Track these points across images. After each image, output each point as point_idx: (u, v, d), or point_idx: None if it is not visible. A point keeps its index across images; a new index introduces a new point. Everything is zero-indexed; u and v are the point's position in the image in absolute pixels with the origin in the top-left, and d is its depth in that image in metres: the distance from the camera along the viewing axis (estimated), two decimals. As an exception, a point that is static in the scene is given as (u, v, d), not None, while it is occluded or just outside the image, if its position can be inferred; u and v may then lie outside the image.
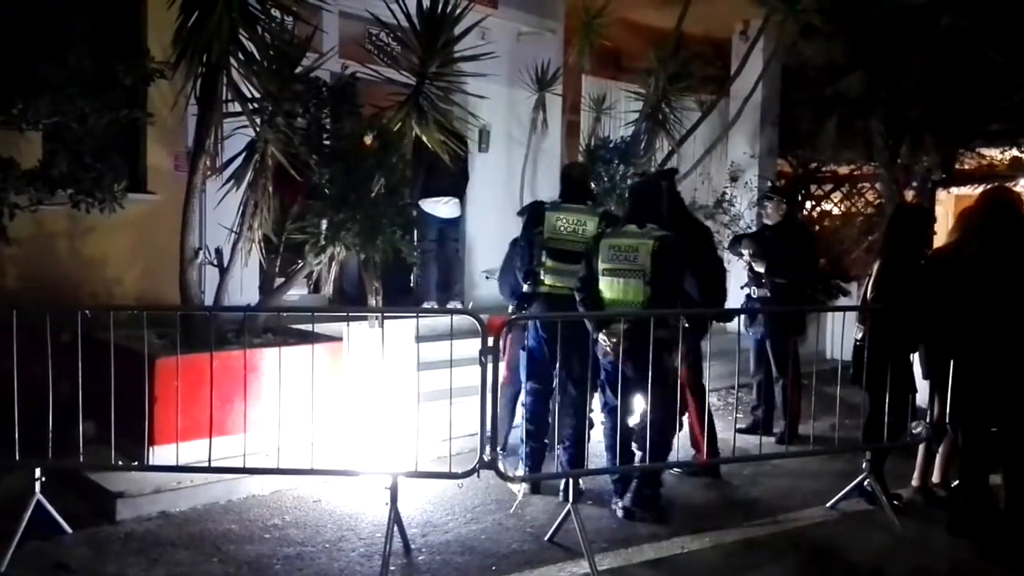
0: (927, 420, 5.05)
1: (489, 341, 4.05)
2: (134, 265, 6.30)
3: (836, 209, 12.07)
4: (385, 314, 4.81)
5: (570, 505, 4.28)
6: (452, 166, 6.66)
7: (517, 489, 5.07)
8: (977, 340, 4.54)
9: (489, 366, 4.07)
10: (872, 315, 4.96)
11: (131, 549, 4.24)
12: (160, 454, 4.64)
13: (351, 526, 4.62)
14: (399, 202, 5.79)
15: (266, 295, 5.89)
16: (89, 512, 4.58)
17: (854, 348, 5.12)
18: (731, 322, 6.17)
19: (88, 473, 4.76)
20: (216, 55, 4.81)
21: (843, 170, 11.66)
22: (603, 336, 4.66)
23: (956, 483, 4.91)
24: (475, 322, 4.13)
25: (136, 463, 4.68)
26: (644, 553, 4.38)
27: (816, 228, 11.33)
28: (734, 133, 10.25)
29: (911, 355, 5.09)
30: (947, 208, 11.63)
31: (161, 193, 6.31)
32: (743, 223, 9.77)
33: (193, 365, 4.64)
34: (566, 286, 5.00)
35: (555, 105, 9.23)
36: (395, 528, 4.13)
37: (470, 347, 4.17)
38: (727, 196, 10.08)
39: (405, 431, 4.52)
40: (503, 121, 8.86)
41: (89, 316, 4.42)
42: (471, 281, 8.44)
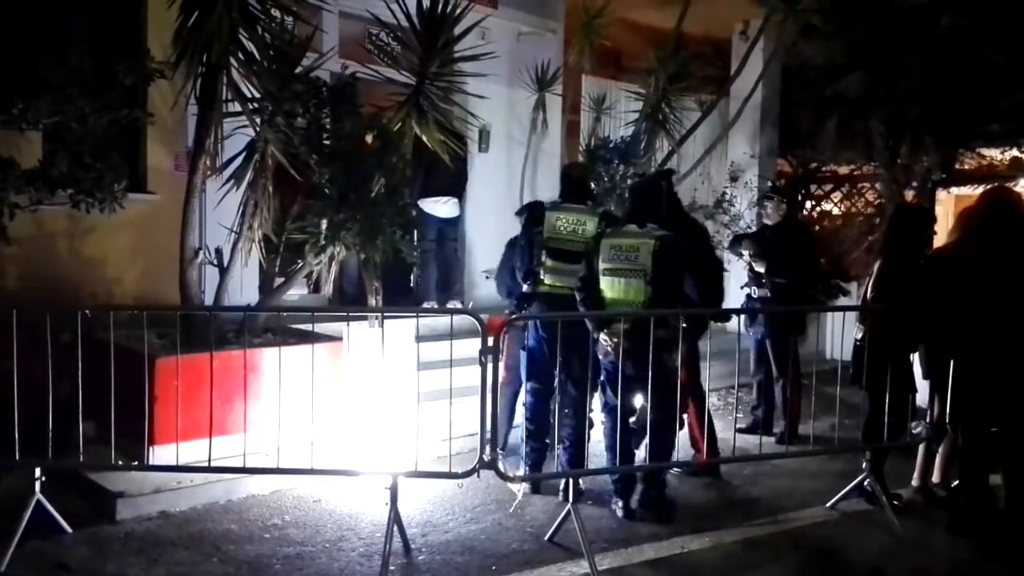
0: (927, 420, 5.05)
1: (489, 341, 4.05)
2: (134, 265, 6.30)
3: (836, 209, 12.06)
4: (385, 314, 4.81)
5: (570, 505, 4.28)
6: (451, 166, 6.66)
7: (517, 489, 5.07)
8: (977, 340, 4.54)
9: (489, 366, 4.07)
10: (872, 315, 4.96)
11: (131, 549, 4.24)
12: (160, 454, 4.64)
13: (351, 526, 4.62)
14: (399, 202, 5.79)
15: (266, 295, 5.89)
16: (89, 512, 4.58)
17: (854, 348, 5.12)
18: (730, 322, 6.17)
19: (88, 473, 4.76)
20: (216, 55, 4.82)
21: (843, 170, 11.66)
22: (604, 336, 4.66)
23: (956, 483, 4.91)
24: (475, 322, 4.13)
25: (136, 463, 4.68)
26: (644, 553, 4.38)
27: (816, 228, 11.34)
28: (734, 133, 10.25)
29: (911, 355, 5.08)
30: (947, 208, 11.62)
31: (161, 193, 6.31)
32: (743, 223, 9.76)
33: (193, 365, 4.64)
34: (566, 286, 5.00)
35: (555, 105, 9.23)
36: (395, 528, 4.13)
37: (470, 347, 4.17)
38: (727, 196, 10.07)
39: (405, 431, 4.52)
40: (503, 121, 8.86)
41: (89, 316, 4.41)
42: (471, 281, 8.43)
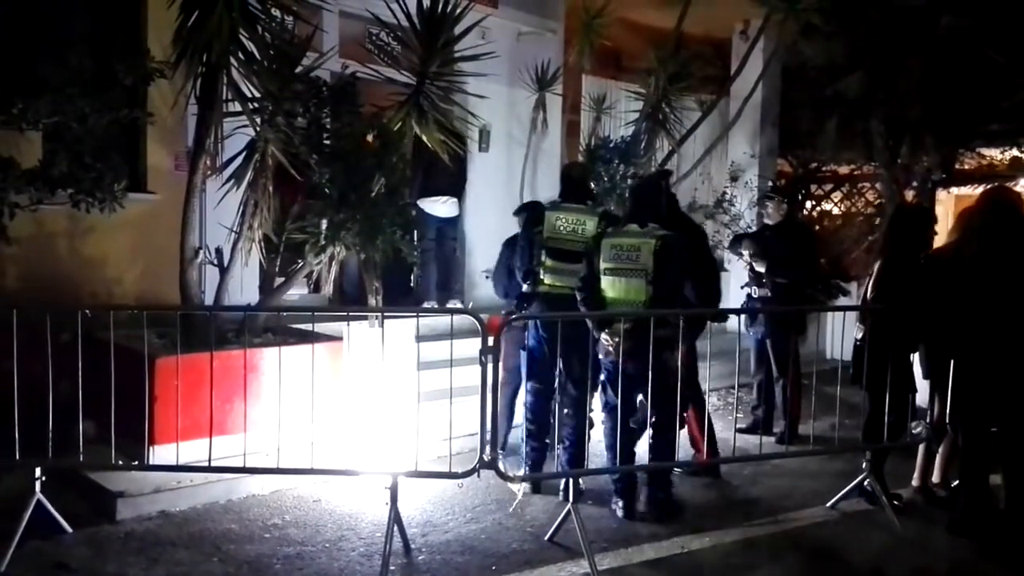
0: (927, 420, 5.05)
1: (489, 341, 4.05)
2: (134, 265, 6.30)
3: (836, 209, 12.07)
4: (385, 314, 4.81)
5: (570, 505, 4.28)
6: (451, 166, 6.67)
7: (517, 489, 5.07)
8: (977, 340, 4.54)
9: (489, 366, 4.07)
10: (872, 315, 4.96)
11: (131, 549, 4.24)
12: (160, 454, 4.64)
13: (351, 526, 4.62)
14: (399, 202, 5.79)
15: (266, 295, 5.89)
16: (89, 512, 4.57)
17: (854, 348, 5.12)
18: (728, 322, 6.17)
19: (88, 473, 4.76)
20: (216, 55, 4.82)
21: (843, 170, 11.66)
22: (605, 335, 4.66)
23: (956, 483, 4.91)
24: (475, 322, 4.13)
25: (136, 463, 4.68)
26: (644, 553, 4.38)
27: (816, 228, 11.34)
28: (734, 133, 10.25)
29: (911, 355, 5.09)
30: (947, 208, 11.61)
31: (161, 193, 6.31)
32: (743, 223, 9.77)
33: (193, 365, 4.63)
34: (566, 285, 5.00)
35: (555, 105, 9.23)
36: (395, 528, 4.13)
37: (470, 347, 4.17)
38: (727, 196, 10.08)
39: (405, 431, 4.52)
40: (503, 121, 8.86)
41: (89, 316, 4.40)
42: (471, 281, 8.43)
